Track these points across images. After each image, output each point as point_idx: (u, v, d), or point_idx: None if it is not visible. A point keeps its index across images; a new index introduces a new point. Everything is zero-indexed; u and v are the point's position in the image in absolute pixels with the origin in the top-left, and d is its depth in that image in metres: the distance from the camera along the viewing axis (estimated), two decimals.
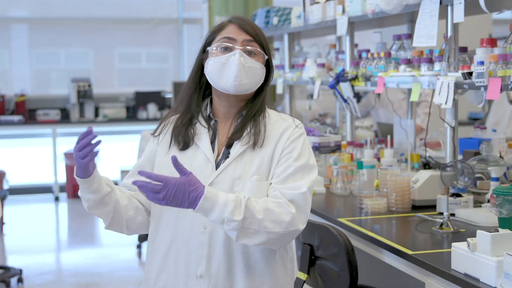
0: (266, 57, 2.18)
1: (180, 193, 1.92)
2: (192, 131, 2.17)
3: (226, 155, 2.13)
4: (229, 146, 2.15)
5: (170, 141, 2.19)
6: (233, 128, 2.18)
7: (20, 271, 5.23)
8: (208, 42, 2.20)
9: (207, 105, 2.23)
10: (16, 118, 8.25)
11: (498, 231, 2.06)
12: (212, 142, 2.17)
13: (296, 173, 2.08)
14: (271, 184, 2.09)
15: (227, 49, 2.14)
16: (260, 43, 2.17)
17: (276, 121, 2.19)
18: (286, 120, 2.20)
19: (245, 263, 2.10)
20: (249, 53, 2.14)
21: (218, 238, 2.09)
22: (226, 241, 2.08)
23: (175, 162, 1.95)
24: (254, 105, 2.18)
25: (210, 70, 2.15)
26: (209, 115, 2.20)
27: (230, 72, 2.11)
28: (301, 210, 2.04)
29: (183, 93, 2.24)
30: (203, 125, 2.18)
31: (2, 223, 6.85)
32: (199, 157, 2.14)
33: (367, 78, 3.73)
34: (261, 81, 2.18)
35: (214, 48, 2.15)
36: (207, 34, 2.23)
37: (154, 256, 2.18)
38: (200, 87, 2.22)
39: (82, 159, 1.98)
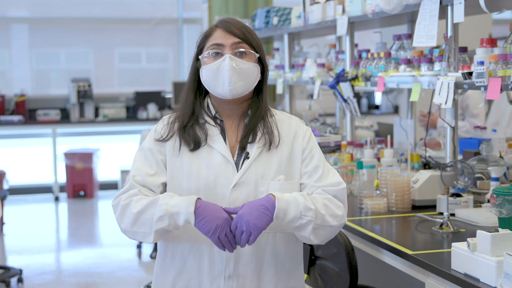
0: (258, 55, 2.16)
1: (254, 214, 1.97)
2: (201, 131, 2.15)
3: (245, 156, 2.13)
4: (243, 147, 2.15)
5: (180, 143, 2.15)
6: (241, 129, 2.17)
7: (20, 271, 5.23)
8: (200, 50, 2.19)
9: (207, 104, 2.21)
10: (16, 118, 8.25)
11: (498, 231, 2.06)
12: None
13: (325, 170, 2.15)
14: (301, 183, 2.14)
15: (217, 55, 2.13)
16: (249, 43, 2.15)
17: (284, 120, 2.22)
18: (292, 118, 2.24)
19: (273, 262, 2.14)
20: (240, 55, 2.13)
21: None
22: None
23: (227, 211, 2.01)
24: (258, 105, 2.18)
25: (205, 79, 2.15)
26: (215, 115, 2.19)
27: (224, 78, 2.10)
28: (344, 204, 2.13)
29: (185, 100, 2.21)
30: (213, 125, 2.17)
31: (2, 223, 6.84)
32: (216, 158, 2.12)
33: (367, 78, 3.73)
34: (257, 79, 2.17)
35: (205, 56, 2.14)
36: (197, 40, 2.21)
37: (172, 257, 2.15)
38: (200, 92, 2.21)
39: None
